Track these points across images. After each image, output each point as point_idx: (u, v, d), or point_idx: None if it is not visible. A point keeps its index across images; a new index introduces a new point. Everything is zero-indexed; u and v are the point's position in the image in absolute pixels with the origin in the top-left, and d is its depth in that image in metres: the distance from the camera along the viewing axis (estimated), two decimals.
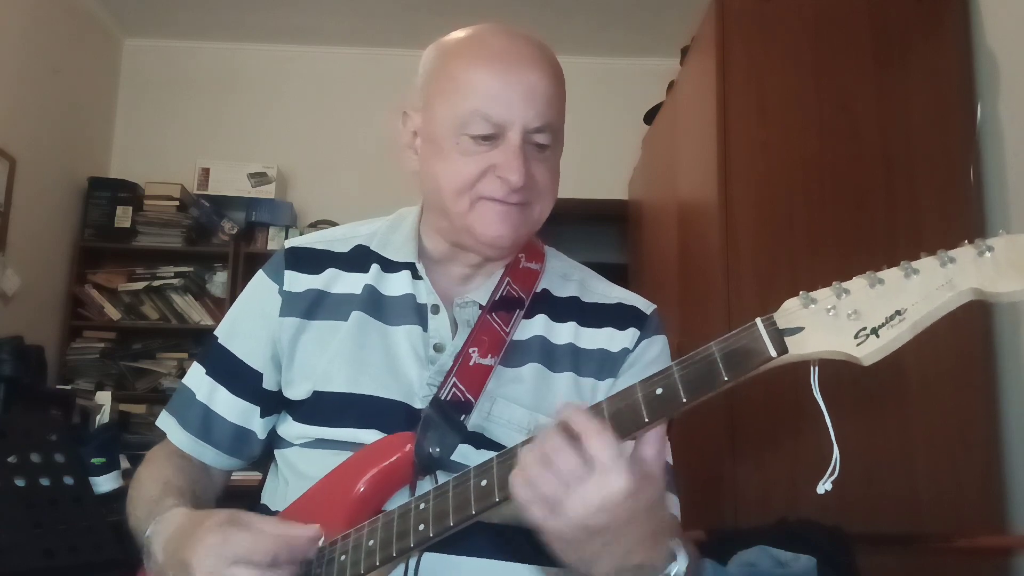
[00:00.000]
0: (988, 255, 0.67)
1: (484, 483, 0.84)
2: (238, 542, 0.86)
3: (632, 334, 1.08)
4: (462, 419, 0.98)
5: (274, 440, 1.11)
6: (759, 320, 0.73)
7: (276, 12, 4.21)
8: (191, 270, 4.19)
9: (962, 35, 2.35)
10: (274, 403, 1.10)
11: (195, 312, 4.13)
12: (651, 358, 1.07)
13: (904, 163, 2.29)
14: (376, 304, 1.07)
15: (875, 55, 2.34)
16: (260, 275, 1.13)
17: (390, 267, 1.09)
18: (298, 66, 4.54)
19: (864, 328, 0.69)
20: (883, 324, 0.69)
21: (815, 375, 0.74)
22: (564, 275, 1.13)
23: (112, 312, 4.10)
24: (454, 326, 1.05)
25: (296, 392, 1.06)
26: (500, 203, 1.00)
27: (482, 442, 0.99)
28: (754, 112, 2.33)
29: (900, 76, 2.32)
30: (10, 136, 3.52)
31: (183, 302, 4.14)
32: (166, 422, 1.12)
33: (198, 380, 1.11)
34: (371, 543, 0.89)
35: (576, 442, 0.73)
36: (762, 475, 2.05)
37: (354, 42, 4.50)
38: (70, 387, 3.66)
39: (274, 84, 4.52)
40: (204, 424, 1.09)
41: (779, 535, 1.82)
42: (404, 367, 1.03)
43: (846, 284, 0.71)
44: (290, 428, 1.06)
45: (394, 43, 4.26)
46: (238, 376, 1.09)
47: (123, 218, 4.11)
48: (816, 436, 0.73)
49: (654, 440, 0.76)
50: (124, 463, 2.29)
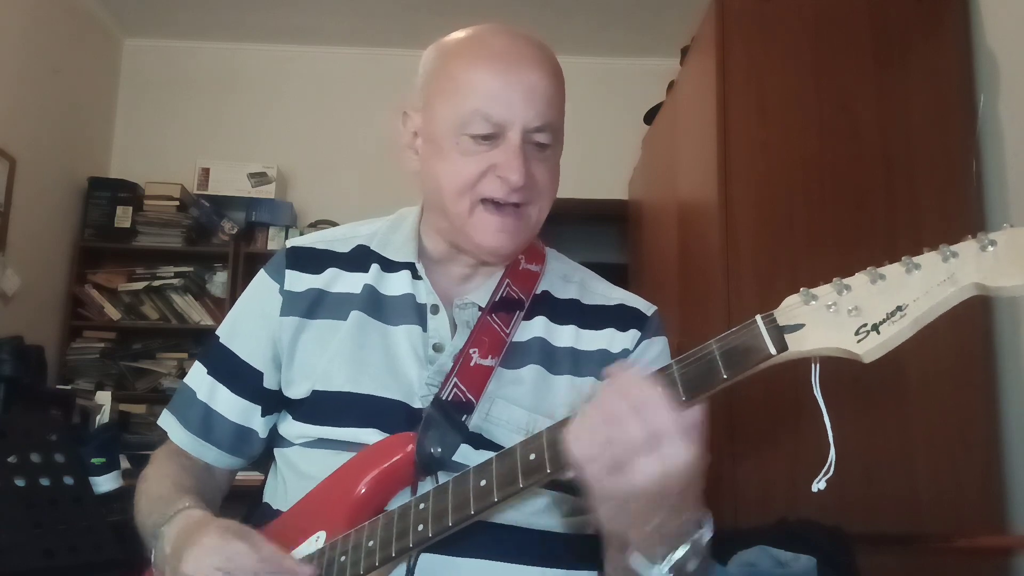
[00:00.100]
0: (991, 249, 0.66)
1: (483, 483, 0.84)
2: (230, 550, 0.86)
3: (633, 335, 1.08)
4: (463, 419, 0.99)
5: (274, 439, 1.11)
6: (759, 317, 0.73)
7: (276, 12, 4.21)
8: (191, 270, 4.18)
9: (962, 35, 2.35)
10: (275, 402, 1.10)
11: (195, 312, 4.13)
12: (651, 358, 1.07)
13: (904, 163, 2.29)
14: (376, 304, 1.07)
15: (875, 55, 2.34)
16: (261, 275, 1.13)
17: (390, 267, 1.09)
18: (298, 66, 4.54)
19: (865, 324, 0.68)
20: (884, 320, 0.68)
21: (816, 373, 0.73)
22: (565, 277, 1.13)
23: (112, 312, 4.10)
24: (453, 326, 1.05)
25: (296, 391, 1.06)
26: (498, 214, 1.00)
27: (481, 443, 0.99)
28: (754, 112, 2.33)
29: (900, 76, 2.32)
30: (10, 136, 3.52)
31: (183, 302, 4.14)
32: (167, 421, 1.12)
33: (199, 379, 1.11)
34: (371, 543, 0.89)
35: (641, 409, 0.72)
36: (762, 475, 2.05)
37: (354, 42, 4.50)
38: (70, 387, 3.66)
39: (274, 84, 4.51)
40: (205, 423, 1.09)
41: (779, 535, 1.82)
42: (403, 367, 1.03)
43: (847, 280, 0.70)
44: (290, 427, 1.07)
45: (394, 43, 4.26)
46: (239, 375, 1.09)
47: (123, 218, 4.11)
48: (816, 436, 0.73)
49: (701, 409, 0.75)
50: (124, 463, 2.30)
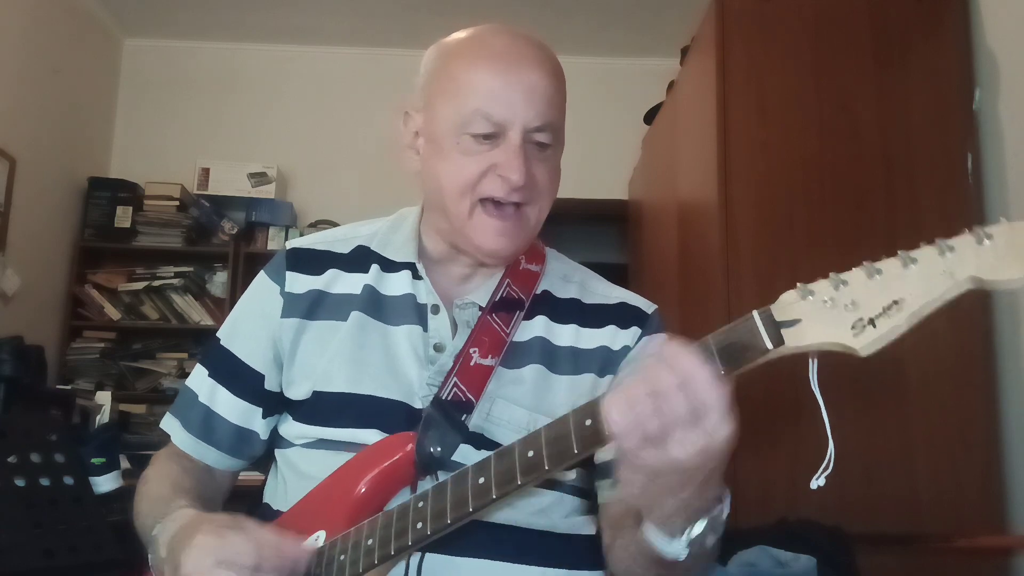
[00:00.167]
0: (987, 243, 0.66)
1: (482, 481, 0.84)
2: (229, 544, 0.86)
3: (634, 332, 1.08)
4: (463, 419, 0.99)
5: (275, 440, 1.11)
6: (755, 312, 0.73)
7: (276, 12, 4.21)
8: (191, 270, 4.18)
9: (962, 35, 2.35)
10: (275, 404, 1.10)
11: (195, 312, 4.13)
12: (650, 355, 1.07)
13: (904, 163, 2.29)
14: (376, 304, 1.07)
15: (875, 55, 2.34)
16: (262, 276, 1.13)
17: (390, 267, 1.09)
18: (298, 66, 4.54)
19: (861, 319, 0.68)
20: (880, 314, 0.68)
21: (814, 368, 0.73)
22: (565, 277, 1.13)
23: (112, 312, 4.10)
24: (454, 326, 1.05)
25: (296, 392, 1.06)
26: (498, 216, 1.00)
27: (482, 443, 0.99)
28: (754, 112, 2.33)
29: (900, 76, 2.32)
30: (10, 136, 3.52)
31: (183, 302, 4.14)
32: (170, 424, 1.12)
33: (200, 381, 1.11)
34: (370, 542, 0.89)
35: (689, 382, 0.71)
36: (762, 475, 2.05)
37: (354, 42, 4.50)
38: (70, 387, 3.66)
39: (274, 84, 4.51)
40: (206, 425, 1.09)
41: (779, 535, 1.82)
42: (404, 367, 1.03)
43: (844, 275, 0.70)
44: (290, 428, 1.07)
45: (394, 43, 4.26)
46: (239, 377, 1.09)
47: (123, 218, 4.11)
48: (816, 435, 0.73)
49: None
50: (124, 463, 2.30)
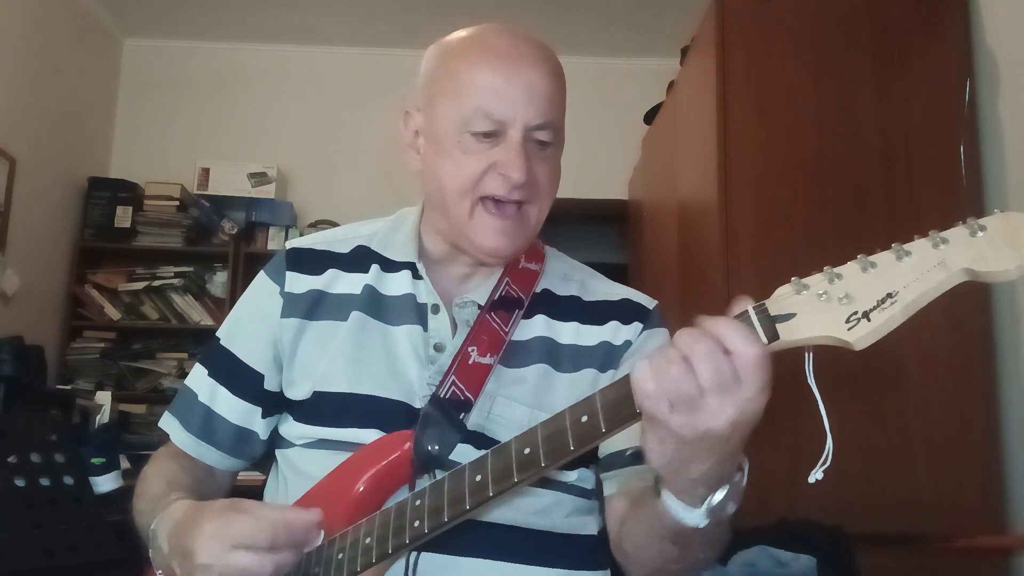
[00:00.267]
0: (981, 234, 0.66)
1: (479, 478, 0.84)
2: (238, 527, 0.86)
3: (636, 327, 1.08)
4: (462, 417, 0.99)
5: (275, 440, 1.11)
6: (750, 307, 0.73)
7: (276, 12, 4.21)
8: (191, 270, 4.18)
9: (962, 35, 2.35)
10: (275, 404, 1.10)
11: (195, 312, 4.13)
12: (650, 349, 1.07)
13: (904, 163, 2.29)
14: (376, 304, 1.07)
15: (875, 55, 2.34)
16: (261, 276, 1.13)
17: (390, 267, 1.10)
18: (298, 66, 4.54)
19: (855, 312, 0.68)
20: (874, 307, 0.68)
21: (809, 362, 0.73)
22: (565, 276, 1.14)
23: (112, 312, 4.10)
24: (454, 326, 1.05)
25: (297, 392, 1.06)
26: (499, 215, 1.01)
27: (482, 441, 0.99)
28: (754, 112, 2.33)
29: (900, 76, 2.32)
30: (10, 136, 3.52)
31: (183, 302, 4.14)
32: (169, 423, 1.12)
33: (200, 381, 1.11)
34: (368, 540, 0.89)
35: (718, 350, 0.70)
36: (762, 475, 2.04)
37: (354, 42, 4.49)
38: (70, 387, 3.66)
39: (274, 84, 4.51)
40: (206, 425, 1.09)
41: (779, 535, 1.82)
42: (404, 367, 1.03)
43: (838, 269, 0.70)
44: (291, 428, 1.07)
45: (394, 43, 4.26)
46: (239, 377, 1.09)
47: (123, 218, 4.11)
48: (817, 435, 0.73)
49: None
50: (124, 463, 2.29)
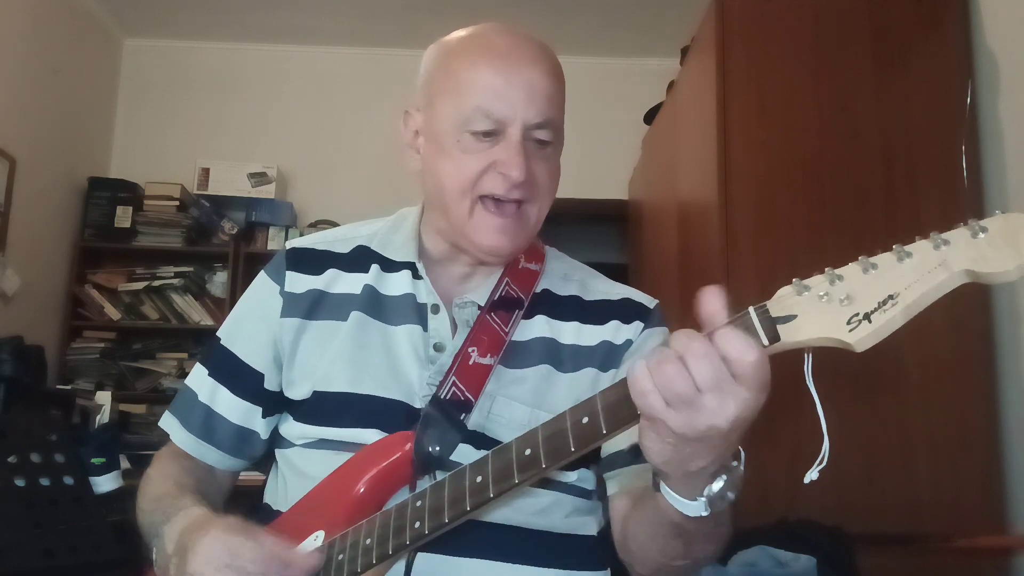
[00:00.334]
0: (982, 236, 0.66)
1: (479, 479, 0.84)
2: (235, 548, 0.86)
3: (636, 326, 1.08)
4: (462, 418, 0.99)
5: (275, 440, 1.11)
6: (751, 308, 0.73)
7: (276, 12, 4.21)
8: (191, 270, 4.18)
9: (962, 35, 2.35)
10: (275, 403, 1.10)
11: (195, 312, 4.13)
12: (651, 348, 1.07)
13: (904, 163, 2.29)
14: (376, 304, 1.07)
15: (875, 55, 2.34)
16: (262, 276, 1.13)
17: (390, 267, 1.10)
18: (298, 66, 4.54)
19: (857, 314, 0.68)
20: (876, 309, 0.67)
21: (809, 364, 0.73)
22: (565, 275, 1.14)
23: (112, 312, 4.10)
24: (454, 326, 1.05)
25: (297, 392, 1.06)
26: (497, 212, 1.01)
27: (483, 442, 0.99)
28: (754, 112, 2.33)
29: (900, 76, 2.32)
30: (10, 136, 3.52)
31: (183, 302, 4.14)
32: (169, 423, 1.12)
33: (200, 381, 1.11)
34: (368, 541, 0.89)
35: (714, 350, 0.70)
36: (762, 475, 2.05)
37: (354, 42, 4.49)
38: (70, 387, 3.66)
39: (274, 84, 4.51)
40: (206, 425, 1.10)
41: (779, 535, 1.82)
42: (404, 367, 1.03)
43: (839, 270, 0.70)
44: (291, 428, 1.07)
45: (394, 43, 4.26)
46: (240, 377, 1.09)
47: (123, 218, 4.11)
48: (817, 435, 0.73)
49: None
50: (124, 463, 2.30)
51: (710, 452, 0.74)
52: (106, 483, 2.03)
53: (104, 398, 3.27)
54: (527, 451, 0.82)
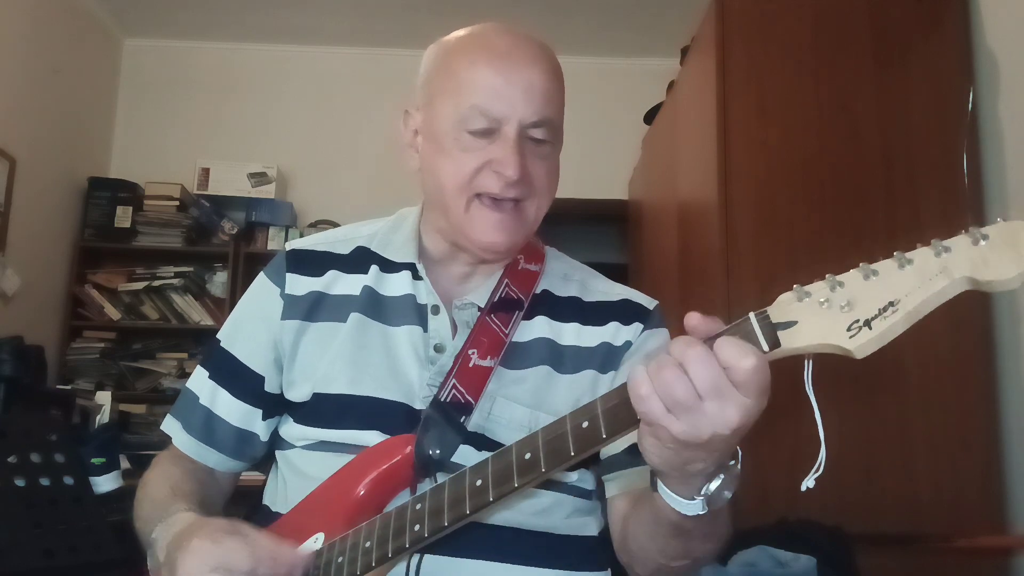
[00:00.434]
0: (983, 243, 0.66)
1: (479, 482, 0.84)
2: (223, 549, 0.86)
3: (636, 328, 1.08)
4: (462, 420, 0.98)
5: (275, 441, 1.11)
6: (752, 314, 0.73)
7: (276, 12, 4.21)
8: (191, 270, 4.18)
9: (962, 35, 2.35)
10: (275, 405, 1.10)
11: (195, 312, 4.13)
12: (651, 349, 1.08)
13: (904, 163, 2.29)
14: (376, 305, 1.07)
15: (875, 55, 2.34)
16: (261, 277, 1.13)
17: (390, 268, 1.09)
18: (298, 66, 4.54)
19: (857, 320, 0.68)
20: (876, 316, 0.67)
21: (809, 371, 0.73)
22: (565, 276, 1.14)
23: (112, 312, 4.10)
24: (454, 326, 1.05)
25: (297, 394, 1.06)
26: (495, 208, 1.01)
27: (483, 443, 0.99)
28: (754, 112, 2.33)
29: (900, 76, 2.32)
30: (10, 136, 3.52)
31: (183, 302, 4.14)
32: (170, 426, 1.12)
33: (201, 383, 1.11)
34: (367, 544, 0.89)
35: (712, 355, 0.70)
36: (762, 475, 2.05)
37: (354, 42, 4.50)
38: (70, 387, 3.66)
39: (274, 84, 4.51)
40: (207, 427, 1.09)
41: (779, 535, 1.82)
42: (404, 368, 1.03)
43: (840, 276, 0.70)
44: (291, 429, 1.07)
45: (394, 43, 4.26)
46: (240, 379, 1.09)
47: (123, 218, 4.11)
48: (817, 435, 0.73)
49: None
50: (124, 463, 2.29)
51: (710, 455, 0.74)
52: (106, 483, 2.03)
53: (104, 398, 3.26)
54: (527, 454, 0.82)
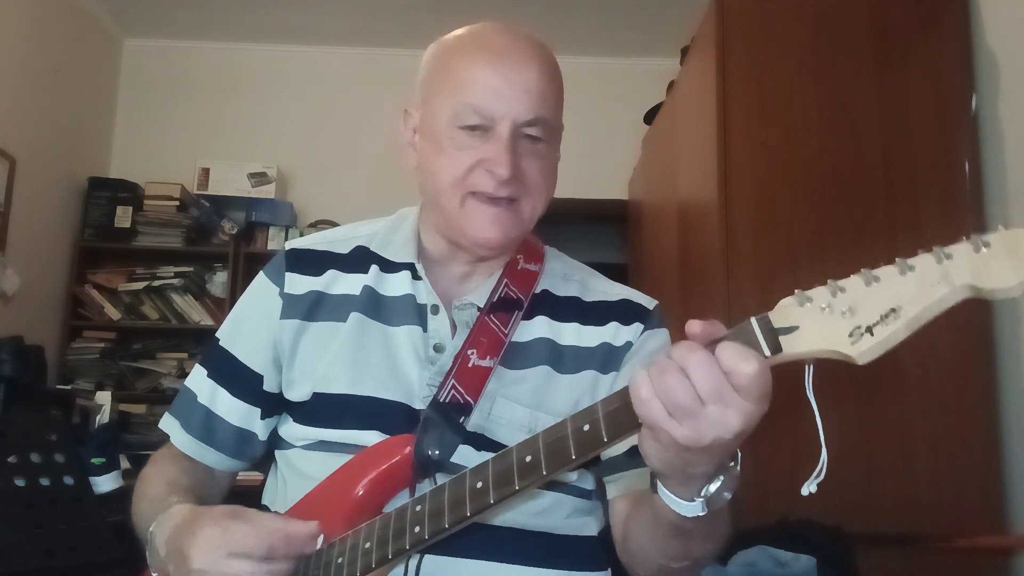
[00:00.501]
0: (985, 251, 0.65)
1: (479, 484, 0.84)
2: (236, 534, 0.86)
3: (636, 328, 1.08)
4: (461, 421, 0.98)
5: (275, 441, 1.11)
6: (753, 319, 0.72)
7: (276, 12, 4.21)
8: (191, 270, 4.18)
9: (962, 35, 2.35)
10: (275, 405, 1.10)
11: (195, 312, 4.13)
12: (651, 349, 1.08)
13: (904, 163, 2.29)
14: (375, 305, 1.07)
15: (875, 55, 2.34)
16: (261, 277, 1.13)
17: (389, 268, 1.09)
18: (298, 66, 4.54)
19: (859, 326, 0.68)
20: (878, 322, 0.67)
21: (809, 376, 0.73)
22: (565, 276, 1.14)
23: (112, 312, 4.10)
24: (453, 326, 1.05)
25: (296, 393, 1.06)
26: (489, 203, 1.00)
27: (483, 443, 0.99)
28: (754, 112, 2.33)
29: (900, 76, 2.32)
30: (10, 136, 3.52)
31: (183, 302, 4.14)
32: (169, 424, 1.12)
33: (200, 382, 1.11)
34: (367, 545, 0.89)
35: (715, 360, 0.70)
36: (762, 475, 2.05)
37: (354, 42, 4.50)
38: (70, 387, 3.66)
39: (274, 84, 4.51)
40: (206, 426, 1.09)
41: (779, 535, 1.82)
42: (404, 367, 1.03)
43: (841, 282, 0.70)
44: (291, 429, 1.07)
45: (394, 43, 4.26)
46: (239, 378, 1.09)
47: (123, 218, 4.11)
48: (817, 437, 0.73)
49: None
50: (124, 463, 2.29)
51: (711, 459, 0.74)
52: (106, 483, 2.03)
53: (104, 398, 3.26)
54: (528, 457, 0.82)
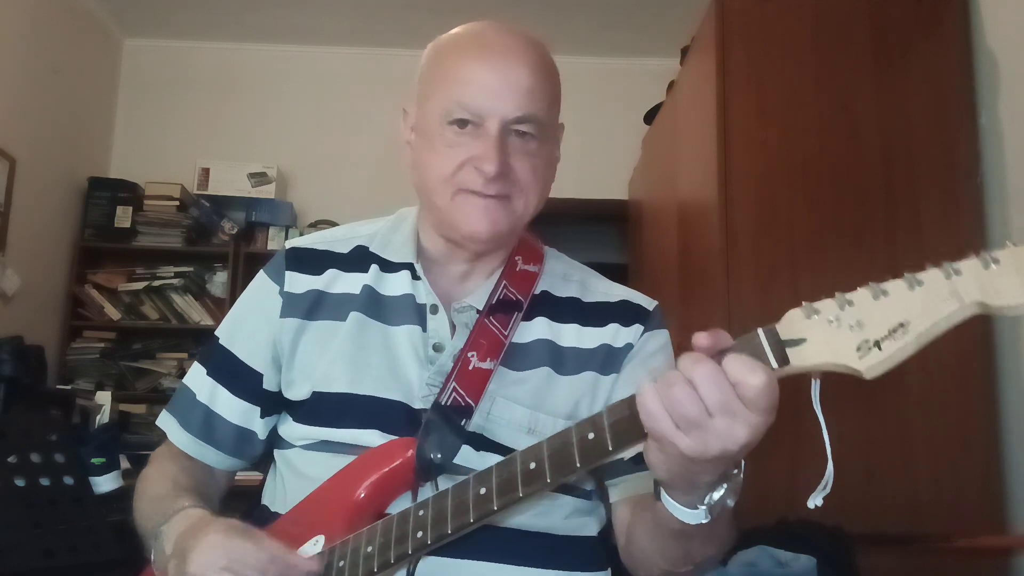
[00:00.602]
0: (994, 267, 0.65)
1: (483, 491, 0.84)
2: (235, 549, 0.86)
3: (636, 330, 1.08)
4: (463, 423, 0.98)
5: (274, 440, 1.11)
6: (760, 330, 0.72)
7: (276, 12, 4.21)
8: (191, 270, 4.18)
9: (962, 35, 2.35)
10: (274, 403, 1.10)
11: (195, 312, 4.13)
12: (651, 350, 1.08)
13: (904, 163, 2.29)
14: (375, 304, 1.07)
15: (875, 55, 2.34)
16: (261, 276, 1.13)
17: (389, 267, 1.09)
18: (298, 66, 4.53)
19: (867, 340, 0.67)
20: (886, 336, 0.67)
21: (816, 388, 0.72)
22: (564, 276, 1.13)
23: (112, 312, 4.10)
24: (452, 326, 1.05)
25: (296, 393, 1.06)
26: (479, 196, 1.00)
27: (483, 443, 0.99)
28: (754, 112, 2.33)
29: (900, 76, 2.32)
30: (10, 136, 3.52)
31: (183, 302, 4.14)
32: (167, 422, 1.12)
33: (199, 381, 1.11)
34: (369, 549, 0.89)
35: (722, 373, 0.69)
36: (762, 475, 2.04)
37: (354, 42, 4.50)
38: (70, 387, 3.66)
39: (274, 84, 4.51)
40: (206, 425, 1.09)
41: (779, 535, 1.82)
42: (404, 367, 1.03)
43: (849, 295, 0.69)
44: (290, 429, 1.06)
45: (394, 43, 4.25)
46: (239, 377, 1.09)
47: (123, 218, 4.11)
48: (817, 438, 0.73)
49: None
50: (124, 463, 2.29)
51: (716, 469, 0.75)
52: (106, 483, 2.03)
53: (104, 398, 3.26)
54: (532, 464, 0.82)
